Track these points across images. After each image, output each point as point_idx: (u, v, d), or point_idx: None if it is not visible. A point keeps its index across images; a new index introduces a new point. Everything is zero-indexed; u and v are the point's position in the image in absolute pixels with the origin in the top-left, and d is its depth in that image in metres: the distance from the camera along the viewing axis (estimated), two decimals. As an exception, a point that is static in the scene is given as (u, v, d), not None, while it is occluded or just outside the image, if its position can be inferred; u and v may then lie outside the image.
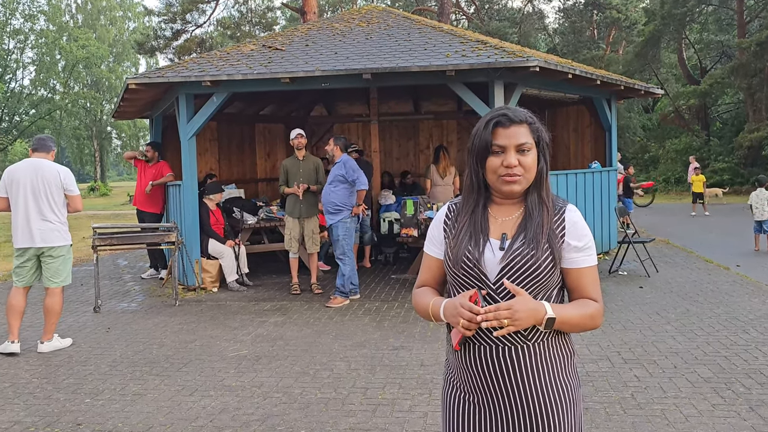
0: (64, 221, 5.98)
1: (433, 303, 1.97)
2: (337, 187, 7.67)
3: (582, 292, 1.94)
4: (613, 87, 10.05)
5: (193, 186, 8.71)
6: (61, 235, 5.96)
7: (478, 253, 1.90)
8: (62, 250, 5.98)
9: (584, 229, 1.94)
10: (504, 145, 1.89)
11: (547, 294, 1.91)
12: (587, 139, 11.85)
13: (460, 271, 1.92)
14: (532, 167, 1.90)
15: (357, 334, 6.38)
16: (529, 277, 1.86)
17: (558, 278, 1.93)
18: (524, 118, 1.92)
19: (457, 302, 1.84)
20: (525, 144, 1.89)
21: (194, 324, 6.96)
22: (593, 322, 1.92)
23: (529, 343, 1.89)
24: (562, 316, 1.85)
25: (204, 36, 32.02)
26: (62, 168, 6.02)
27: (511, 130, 1.89)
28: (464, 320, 1.81)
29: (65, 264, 6.01)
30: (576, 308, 1.90)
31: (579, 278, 1.93)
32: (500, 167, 1.89)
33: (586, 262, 1.93)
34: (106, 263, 11.85)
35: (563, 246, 1.91)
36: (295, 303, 7.87)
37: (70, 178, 6.01)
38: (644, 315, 6.89)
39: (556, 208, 1.95)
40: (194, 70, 8.38)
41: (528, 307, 1.79)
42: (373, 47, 8.85)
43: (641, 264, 9.36)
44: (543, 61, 7.74)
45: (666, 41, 31.21)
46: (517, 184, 1.89)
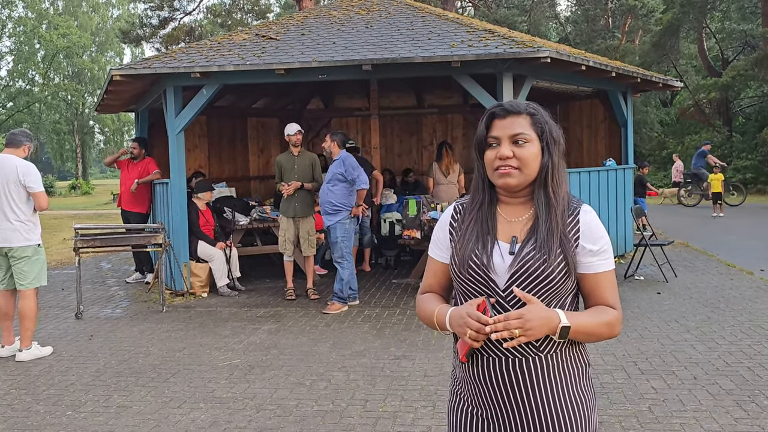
0: (27, 220, 5.96)
1: (439, 311, 1.97)
2: (335, 186, 7.68)
3: (599, 299, 1.93)
4: (628, 79, 10.06)
5: (181, 184, 8.71)
6: (23, 235, 5.94)
7: (486, 258, 1.90)
8: (26, 251, 5.96)
9: (600, 231, 1.94)
10: (498, 136, 1.90)
11: (561, 302, 1.90)
12: (601, 134, 11.85)
13: (467, 277, 1.92)
14: (529, 160, 1.89)
15: (356, 342, 6.38)
16: (541, 284, 1.85)
17: (572, 285, 1.93)
18: (524, 109, 1.92)
19: (464, 311, 1.84)
20: (521, 134, 1.89)
21: (182, 331, 6.97)
22: (611, 330, 1.91)
23: (541, 354, 1.88)
24: (578, 324, 1.84)
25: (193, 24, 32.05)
26: (22, 162, 5.97)
27: (507, 121, 1.91)
28: (472, 331, 1.80)
29: (31, 265, 5.99)
30: (592, 316, 1.90)
31: (595, 284, 1.93)
32: (495, 159, 1.90)
33: (603, 267, 1.93)
34: (89, 266, 11.86)
35: (577, 250, 1.90)
36: (290, 309, 7.87)
37: (31, 174, 5.95)
38: (662, 322, 6.89)
39: (570, 208, 1.94)
40: (183, 61, 8.39)
41: (540, 316, 1.78)
42: (374, 36, 8.86)
43: (659, 268, 9.37)
44: (554, 52, 7.75)
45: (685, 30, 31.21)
46: (510, 176, 1.89)
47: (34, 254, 6.01)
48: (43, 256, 6.11)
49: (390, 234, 10.34)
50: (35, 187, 5.95)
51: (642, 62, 29.13)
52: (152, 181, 9.78)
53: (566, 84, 11.19)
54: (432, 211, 9.14)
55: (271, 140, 13.31)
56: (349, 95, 13.56)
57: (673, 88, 11.72)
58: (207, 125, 12.23)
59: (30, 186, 5.94)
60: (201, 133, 12.15)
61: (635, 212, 9.90)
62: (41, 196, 5.98)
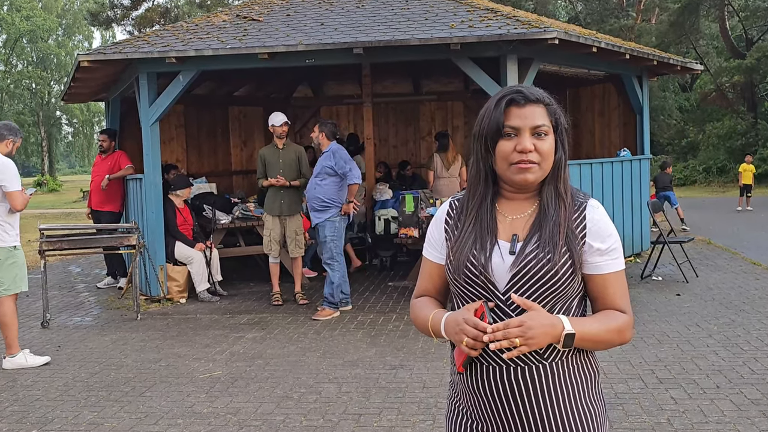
0: (6, 220, 6.01)
1: (433, 317, 1.96)
2: (324, 181, 7.67)
3: (607, 302, 1.93)
4: (644, 62, 10.07)
5: (156, 180, 8.69)
6: (1, 237, 5.99)
7: (484, 258, 1.89)
8: (2, 254, 6.00)
9: (609, 228, 1.93)
10: (518, 126, 1.87)
11: (566, 305, 1.90)
12: (615, 122, 11.87)
13: (463, 279, 1.92)
14: (549, 154, 1.89)
15: (348, 351, 6.38)
16: (544, 285, 1.85)
17: (579, 286, 1.92)
18: (541, 97, 1.91)
19: (460, 317, 1.84)
20: (542, 126, 1.88)
21: (159, 341, 6.95)
22: (621, 336, 1.91)
23: (545, 362, 1.88)
24: (584, 331, 1.84)
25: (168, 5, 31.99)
26: (2, 159, 6.03)
27: (527, 110, 1.88)
28: (469, 338, 1.80)
29: (7, 268, 6.02)
30: (600, 321, 1.89)
31: (603, 286, 1.92)
32: (513, 153, 1.87)
33: (612, 267, 1.92)
34: (56, 270, 11.83)
35: (584, 248, 1.90)
36: (277, 315, 7.87)
37: (8, 171, 5.99)
38: (682, 327, 6.91)
39: (575, 203, 1.94)
40: (157, 45, 8.37)
41: (543, 323, 1.78)
42: (366, 17, 8.85)
43: (678, 267, 9.39)
44: (563, 32, 7.75)
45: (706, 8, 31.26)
46: (531, 172, 1.88)
47: (8, 258, 6.03)
48: (20, 260, 6.11)
49: (385, 233, 10.34)
50: (8, 185, 5.98)
51: (659, 43, 29.16)
52: (125, 176, 9.76)
53: (576, 67, 11.19)
54: (431, 207, 9.15)
55: (254, 131, 13.29)
56: (340, 81, 13.55)
57: (693, 72, 11.74)
58: (184, 115, 12.21)
59: (3, 185, 5.97)
60: (178, 123, 12.13)
61: (652, 206, 9.92)
62: (15, 195, 5.99)
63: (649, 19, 35.61)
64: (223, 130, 12.97)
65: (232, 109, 13.05)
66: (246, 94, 13.33)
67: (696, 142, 32.85)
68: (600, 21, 34.25)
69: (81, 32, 61.77)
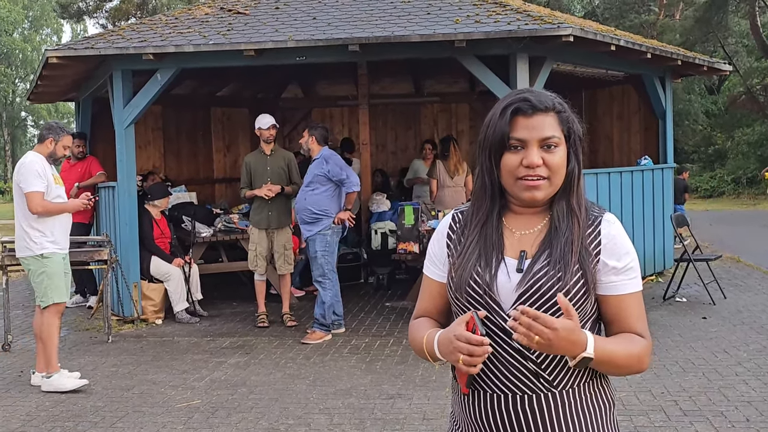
0: (28, 226, 6.18)
1: (427, 337, 1.96)
2: (315, 190, 7.68)
3: (623, 325, 1.94)
4: (667, 61, 10.11)
5: (130, 188, 8.69)
6: (24, 244, 6.19)
7: (489, 276, 1.90)
8: (27, 263, 6.21)
9: (625, 245, 1.94)
10: (525, 138, 1.88)
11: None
12: (635, 128, 11.90)
13: (465, 298, 1.92)
14: (559, 168, 1.89)
15: (341, 378, 6.37)
16: (554, 307, 1.84)
17: (592, 308, 1.93)
18: (552, 104, 1.91)
19: (452, 333, 1.84)
20: (552, 138, 1.88)
21: (132, 366, 6.93)
22: (640, 363, 1.91)
23: (555, 390, 1.88)
24: (604, 353, 1.83)
25: (146, -4, 32.07)
26: (23, 159, 6.30)
27: (535, 120, 1.88)
28: (464, 355, 1.79)
29: (37, 279, 6.17)
30: (620, 345, 1.89)
31: (619, 308, 1.93)
32: (519, 167, 1.88)
33: (629, 288, 1.93)
34: (19, 288, 11.80)
35: (598, 266, 1.91)
36: (262, 338, 7.85)
37: (25, 171, 6.19)
38: (708, 353, 6.90)
39: (589, 217, 1.94)
40: (133, 40, 8.39)
41: (570, 339, 1.76)
42: (362, 11, 8.89)
43: (704, 288, 9.39)
44: (578, 29, 7.78)
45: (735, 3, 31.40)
46: (539, 189, 1.88)
47: (38, 267, 6.16)
48: (51, 269, 6.19)
49: (382, 248, 10.34)
50: (26, 185, 6.15)
51: (683, 41, 29.28)
52: (96, 184, 9.75)
53: (593, 67, 11.22)
54: (432, 219, 9.16)
55: (239, 135, 13.32)
56: (333, 81, 13.58)
57: (721, 72, 11.79)
58: (162, 117, 12.22)
59: (20, 185, 6.17)
60: (155, 126, 12.15)
61: (676, 220, 9.93)
62: (30, 197, 6.13)
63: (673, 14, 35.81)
64: (205, 134, 12.98)
65: (215, 110, 13.08)
66: (230, 95, 13.36)
67: (724, 150, 32.92)
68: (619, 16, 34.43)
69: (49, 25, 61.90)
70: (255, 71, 11.81)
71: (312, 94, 14.02)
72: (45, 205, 6.15)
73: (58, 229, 6.28)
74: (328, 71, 12.93)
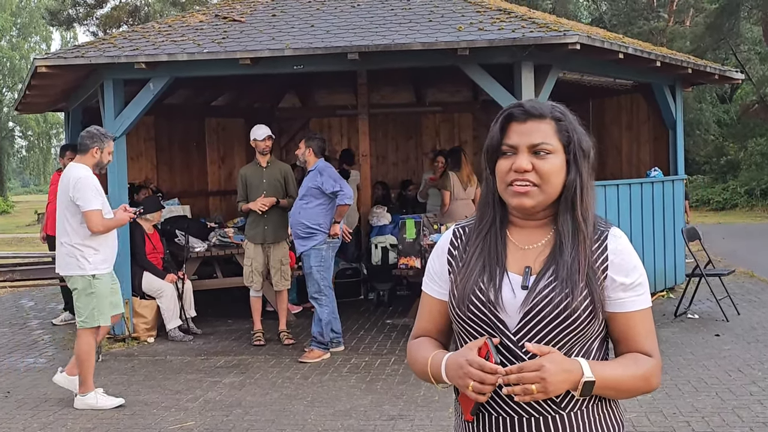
0: (79, 244, 6.16)
1: (433, 359, 1.97)
2: (309, 203, 7.69)
3: (631, 344, 1.95)
4: (677, 70, 10.13)
5: (122, 201, 8.68)
6: (74, 262, 6.16)
7: (493, 292, 1.90)
8: (76, 282, 6.18)
9: (633, 261, 1.95)
10: (515, 144, 1.91)
11: (586, 348, 1.92)
12: (644, 138, 11.92)
13: (467, 316, 1.93)
14: (551, 176, 1.91)
15: (340, 398, 6.35)
16: (561, 325, 1.86)
17: (600, 327, 1.94)
18: (548, 112, 1.93)
19: (463, 359, 1.84)
20: (542, 144, 1.90)
21: (123, 386, 6.92)
22: (648, 383, 1.93)
23: (563, 412, 1.88)
24: (605, 377, 1.85)
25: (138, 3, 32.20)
26: (76, 173, 6.20)
27: (527, 126, 1.92)
28: (475, 382, 1.80)
29: (83, 299, 6.16)
30: (624, 367, 1.90)
31: (627, 325, 1.94)
32: (509, 172, 1.91)
33: (637, 305, 1.94)
34: (6, 304, 11.80)
35: (606, 283, 1.91)
36: (258, 357, 7.84)
37: (82, 188, 6.12)
38: (722, 372, 6.89)
39: (596, 232, 1.95)
40: (124, 48, 8.41)
41: (563, 368, 1.79)
42: (362, 18, 8.91)
43: (717, 304, 9.38)
44: (585, 36, 7.80)
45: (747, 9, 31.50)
46: (528, 196, 1.90)
47: (86, 287, 6.15)
48: (100, 290, 6.18)
49: (383, 263, 10.34)
50: (85, 203, 6.11)
51: (694, 48, 29.35)
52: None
53: (600, 76, 11.25)
54: (435, 233, 9.15)
55: (234, 146, 13.32)
56: (332, 90, 13.61)
57: (733, 81, 11.81)
58: (155, 127, 12.23)
59: (78, 203, 6.12)
60: (147, 137, 12.15)
61: (687, 234, 9.92)
62: (89, 215, 6.10)
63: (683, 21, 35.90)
64: (199, 145, 12.99)
65: (210, 120, 13.09)
66: (225, 104, 13.38)
67: (737, 161, 32.90)
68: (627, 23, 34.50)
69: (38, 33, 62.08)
70: (251, 80, 11.84)
71: (310, 104, 14.03)
72: (105, 224, 6.18)
73: (110, 245, 6.32)
74: (326, 80, 12.95)
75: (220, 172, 13.22)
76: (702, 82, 12.36)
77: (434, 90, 13.53)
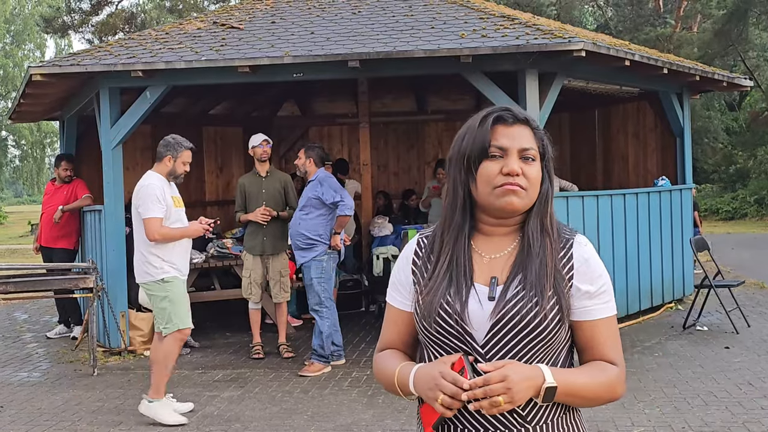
0: (146, 251, 6.24)
1: (400, 370, 1.99)
2: (309, 214, 7.70)
3: (596, 352, 1.98)
4: (685, 77, 10.15)
5: (118, 212, 8.71)
6: (143, 268, 6.28)
7: (460, 305, 1.92)
8: (151, 288, 6.28)
9: (598, 268, 1.99)
10: (506, 146, 1.94)
11: (554, 357, 1.94)
12: (651, 147, 11.93)
13: (435, 329, 1.94)
14: (536, 181, 1.96)
15: (341, 413, 6.35)
16: (530, 335, 1.89)
17: (566, 335, 1.97)
18: (529, 119, 1.99)
19: (436, 371, 1.86)
20: (530, 150, 1.95)
21: (119, 400, 6.92)
22: (612, 392, 1.95)
23: (528, 426, 1.90)
24: (568, 384, 1.87)
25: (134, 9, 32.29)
26: (144, 180, 6.33)
27: (515, 130, 1.96)
28: (445, 396, 1.81)
29: (160, 304, 6.24)
30: (587, 374, 1.94)
31: (593, 333, 1.97)
32: (498, 175, 1.93)
33: (602, 312, 1.97)
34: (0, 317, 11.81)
35: (571, 292, 1.95)
36: (257, 371, 7.84)
37: (144, 195, 6.24)
38: (732, 385, 6.89)
39: (561, 240, 1.99)
40: (121, 56, 8.44)
41: (525, 376, 1.81)
42: (363, 25, 8.94)
43: (726, 316, 9.38)
44: (591, 43, 7.83)
45: (756, 14, 31.56)
46: (517, 196, 1.93)
47: (160, 292, 6.24)
48: (174, 294, 6.26)
49: (384, 274, 10.33)
50: (145, 211, 6.22)
51: (702, 55, 29.39)
52: (81, 208, 9.77)
53: (606, 83, 11.26)
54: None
55: (232, 155, 13.35)
56: (332, 98, 13.64)
57: (742, 88, 11.83)
58: (152, 137, 12.24)
59: (138, 211, 6.25)
60: (144, 146, 12.17)
61: (696, 244, 9.92)
62: (148, 223, 6.19)
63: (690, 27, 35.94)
64: (197, 154, 12.98)
65: (207, 129, 13.11)
66: (223, 113, 13.40)
67: (746, 170, 32.91)
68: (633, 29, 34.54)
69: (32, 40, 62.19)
70: (249, 88, 11.88)
71: (309, 112, 14.06)
72: (162, 233, 6.22)
73: (177, 253, 6.36)
74: (326, 88, 12.98)
75: (218, 181, 13.24)
76: (710, 90, 12.38)
77: (436, 98, 13.55)
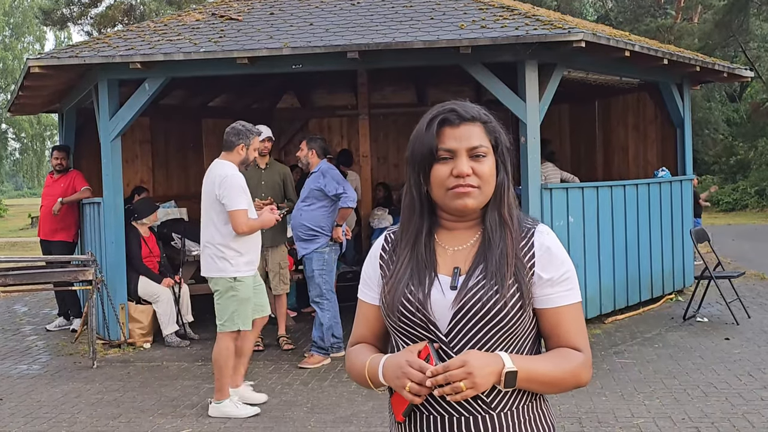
0: (220, 244, 6.11)
1: (371, 363, 2.03)
2: (311, 206, 7.69)
3: (561, 340, 2.00)
4: (685, 68, 10.14)
5: (117, 204, 8.71)
6: (216, 264, 6.13)
7: (422, 294, 1.96)
8: (216, 283, 6.17)
9: (560, 256, 2.01)
10: (453, 148, 1.96)
11: (519, 345, 1.97)
12: (651, 138, 11.92)
13: (398, 318, 1.98)
14: (489, 177, 1.97)
15: (341, 405, 6.36)
16: (491, 323, 1.91)
17: (531, 324, 1.99)
18: (477, 115, 2.01)
19: (403, 359, 1.90)
20: (480, 147, 1.97)
21: (119, 393, 6.93)
22: (576, 378, 1.97)
23: (493, 412, 1.93)
24: (530, 370, 1.90)
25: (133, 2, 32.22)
26: (222, 171, 6.13)
27: (462, 130, 1.98)
28: (413, 383, 1.86)
29: (225, 301, 6.15)
30: (550, 360, 1.96)
31: (557, 320, 1.99)
32: (449, 178, 1.95)
33: (566, 299, 1.99)
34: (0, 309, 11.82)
35: (533, 279, 1.97)
36: (257, 363, 7.84)
37: (228, 186, 6.06)
38: (732, 376, 6.89)
39: (522, 229, 2.01)
40: (119, 48, 8.42)
41: (485, 362, 1.84)
42: (362, 16, 8.92)
43: (727, 307, 9.38)
44: (591, 34, 7.81)
45: (757, 5, 31.50)
46: (470, 197, 1.95)
47: (227, 289, 6.14)
48: (242, 294, 6.16)
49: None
50: (231, 203, 6.05)
51: (702, 46, 29.34)
52: (80, 200, 9.77)
53: (606, 74, 11.24)
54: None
55: (232, 147, 13.32)
56: (332, 90, 13.63)
57: (743, 79, 11.81)
58: (150, 129, 12.25)
59: (224, 202, 6.06)
60: (143, 138, 12.17)
61: (696, 235, 9.92)
62: (234, 215, 6.05)
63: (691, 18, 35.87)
64: (196, 147, 13.00)
65: (206, 121, 13.10)
66: (222, 105, 13.39)
67: (746, 161, 32.88)
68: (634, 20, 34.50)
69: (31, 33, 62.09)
70: (249, 80, 11.86)
71: (309, 104, 14.04)
72: (250, 225, 6.13)
73: (254, 247, 6.28)
74: (325, 80, 12.97)
75: (217, 174, 13.22)
76: (710, 80, 12.36)
77: (436, 89, 13.51)
